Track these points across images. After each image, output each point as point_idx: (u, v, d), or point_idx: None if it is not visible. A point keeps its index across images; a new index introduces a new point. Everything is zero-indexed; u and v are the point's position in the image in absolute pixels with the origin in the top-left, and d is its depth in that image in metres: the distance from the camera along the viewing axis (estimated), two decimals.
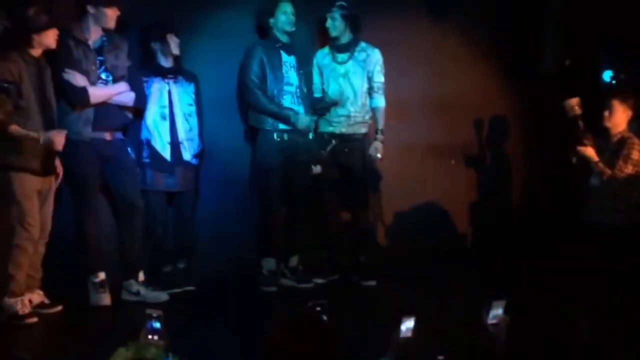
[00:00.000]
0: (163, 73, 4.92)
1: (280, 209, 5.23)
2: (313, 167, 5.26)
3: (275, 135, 5.13)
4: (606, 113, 5.11)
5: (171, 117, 4.93)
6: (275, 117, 5.06)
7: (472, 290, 4.67)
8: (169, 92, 4.93)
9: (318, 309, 2.63)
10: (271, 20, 5.13)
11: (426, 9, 5.83)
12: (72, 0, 4.61)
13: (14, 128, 4.13)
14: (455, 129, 5.96)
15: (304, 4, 5.27)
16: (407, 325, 2.61)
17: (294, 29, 5.14)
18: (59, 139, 4.20)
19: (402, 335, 2.60)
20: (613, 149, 5.09)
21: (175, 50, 4.92)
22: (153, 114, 4.90)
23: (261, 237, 5.25)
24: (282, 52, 5.13)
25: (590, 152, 5.05)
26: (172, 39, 4.89)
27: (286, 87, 5.13)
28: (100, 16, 4.51)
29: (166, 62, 4.95)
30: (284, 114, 5.06)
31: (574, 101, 5.02)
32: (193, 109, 5.03)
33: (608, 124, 5.12)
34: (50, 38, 4.25)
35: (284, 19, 5.10)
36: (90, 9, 4.51)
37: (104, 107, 4.57)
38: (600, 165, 5.02)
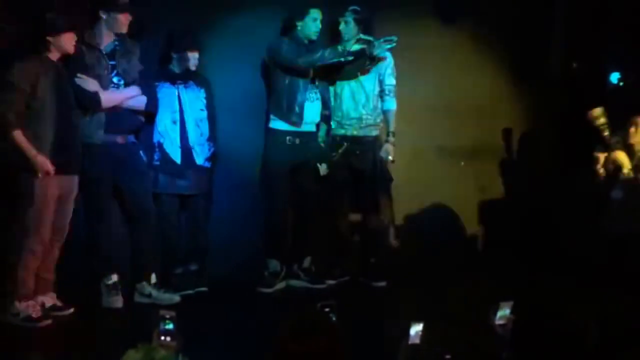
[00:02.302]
0: (173, 78, 4.96)
1: (285, 211, 5.26)
2: (319, 166, 5.29)
3: (287, 139, 5.17)
4: (632, 130, 5.15)
5: (182, 122, 4.96)
6: (318, 61, 5.00)
7: (480, 291, 4.68)
8: (179, 98, 4.97)
9: (327, 309, 2.64)
10: (299, 24, 5.13)
11: (435, 13, 5.85)
12: (84, 5, 4.66)
13: (18, 135, 4.16)
14: (464, 131, 5.97)
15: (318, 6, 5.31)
16: (416, 330, 2.62)
17: (317, 37, 5.14)
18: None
19: (411, 340, 2.60)
20: (636, 165, 5.11)
21: (192, 67, 4.96)
22: (164, 119, 4.93)
23: (266, 238, 5.29)
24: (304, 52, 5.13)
25: (624, 157, 5.07)
26: (192, 54, 4.93)
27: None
28: (112, 21, 4.55)
29: (178, 69, 4.98)
30: (324, 53, 4.97)
31: (598, 111, 5.04)
32: (205, 114, 5.06)
33: (632, 140, 5.14)
34: (67, 42, 4.29)
35: (312, 27, 5.09)
36: (103, 15, 4.55)
37: (116, 111, 4.60)
38: (632, 173, 5.04)
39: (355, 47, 5.12)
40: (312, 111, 5.21)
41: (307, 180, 5.28)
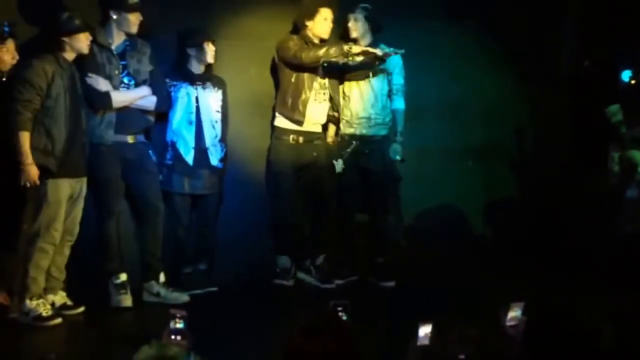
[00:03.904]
0: (192, 79, 4.97)
1: (291, 209, 5.28)
2: (335, 163, 5.30)
3: (291, 138, 5.18)
4: None
5: (197, 123, 4.97)
6: (322, 57, 4.97)
7: (489, 291, 4.67)
8: (196, 98, 4.98)
9: (340, 309, 2.64)
10: (309, 23, 5.15)
11: (444, 12, 5.84)
12: (96, 5, 4.68)
13: (23, 136, 4.16)
14: (472, 131, 5.96)
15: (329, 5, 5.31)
16: (425, 331, 2.61)
17: (328, 37, 5.15)
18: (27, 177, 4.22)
19: (419, 342, 2.60)
20: None
21: (210, 58, 4.97)
22: (179, 119, 4.95)
23: (274, 236, 5.31)
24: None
25: (639, 156, 5.06)
26: (209, 46, 4.94)
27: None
28: (123, 21, 4.58)
29: (197, 69, 4.99)
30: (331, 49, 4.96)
31: (615, 108, 5.03)
32: (220, 115, 5.07)
33: None
34: (82, 42, 4.32)
35: (324, 26, 5.12)
36: (113, 15, 4.57)
37: (126, 110, 4.63)
38: None
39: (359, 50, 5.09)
40: (318, 111, 5.22)
41: (314, 179, 5.29)
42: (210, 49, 4.94)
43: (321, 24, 5.11)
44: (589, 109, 5.52)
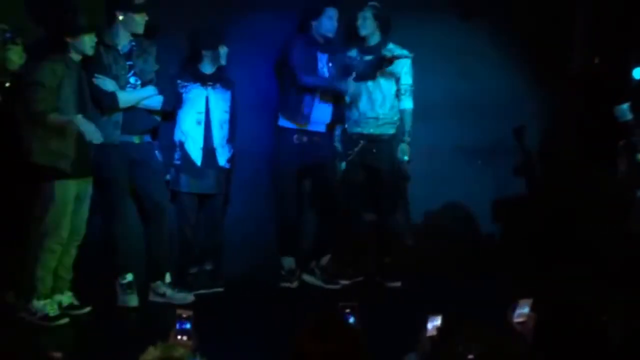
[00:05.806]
0: (203, 79, 4.98)
1: (296, 209, 5.28)
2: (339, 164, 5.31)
3: (294, 138, 5.17)
4: None
5: (207, 123, 4.99)
6: (326, 90, 5.10)
7: (498, 290, 4.65)
8: (207, 99, 4.98)
9: (348, 310, 2.63)
10: (314, 23, 5.15)
11: (453, 10, 5.81)
12: (102, 6, 4.69)
13: (54, 116, 4.17)
14: (482, 129, 5.92)
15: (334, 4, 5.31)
16: (434, 323, 2.61)
17: (334, 35, 5.16)
18: (92, 134, 4.19)
19: (428, 333, 2.59)
20: None
21: (224, 60, 4.98)
22: (189, 119, 4.97)
23: (280, 237, 5.31)
24: (317, 52, 5.16)
25: None
26: (223, 49, 4.95)
27: None
28: (129, 22, 4.60)
29: (209, 69, 5.01)
30: (333, 87, 5.10)
31: (626, 106, 5.01)
32: (228, 115, 5.08)
33: None
34: (86, 43, 4.32)
35: (329, 25, 5.12)
36: (120, 15, 4.59)
37: (133, 111, 4.65)
38: None
39: (369, 57, 5.09)
40: (322, 111, 5.22)
41: (320, 179, 5.28)
42: (224, 52, 4.97)
43: (326, 23, 5.11)
44: (599, 106, 5.48)
